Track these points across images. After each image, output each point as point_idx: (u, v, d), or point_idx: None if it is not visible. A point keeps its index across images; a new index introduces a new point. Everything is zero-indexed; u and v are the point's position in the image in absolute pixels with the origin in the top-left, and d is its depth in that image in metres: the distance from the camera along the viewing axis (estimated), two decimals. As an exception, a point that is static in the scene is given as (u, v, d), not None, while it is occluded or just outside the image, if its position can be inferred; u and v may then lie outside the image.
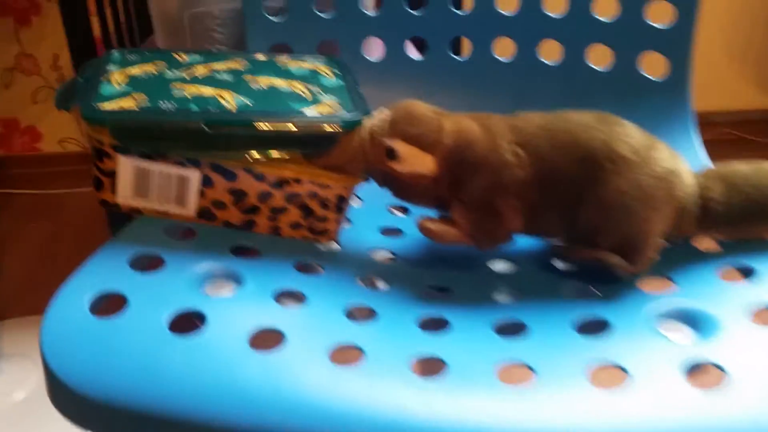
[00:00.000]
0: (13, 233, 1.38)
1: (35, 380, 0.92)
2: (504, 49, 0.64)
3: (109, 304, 0.40)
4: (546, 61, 0.64)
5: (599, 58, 0.62)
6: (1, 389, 0.90)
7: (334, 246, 0.50)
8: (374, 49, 0.66)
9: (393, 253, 0.50)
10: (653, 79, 0.60)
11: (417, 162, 0.42)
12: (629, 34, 0.60)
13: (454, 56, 0.65)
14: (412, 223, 0.53)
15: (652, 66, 0.60)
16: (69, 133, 1.65)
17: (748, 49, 1.64)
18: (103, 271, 0.41)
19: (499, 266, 0.48)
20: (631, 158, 0.40)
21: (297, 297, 0.42)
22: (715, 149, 0.60)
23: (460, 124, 0.43)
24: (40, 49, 1.56)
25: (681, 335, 0.36)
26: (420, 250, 0.51)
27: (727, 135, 1.75)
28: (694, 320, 0.37)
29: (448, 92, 0.65)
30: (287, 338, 0.37)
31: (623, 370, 0.33)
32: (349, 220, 0.53)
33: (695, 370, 0.33)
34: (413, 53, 0.66)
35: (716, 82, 1.67)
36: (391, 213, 0.57)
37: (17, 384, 0.91)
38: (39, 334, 0.37)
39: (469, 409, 0.31)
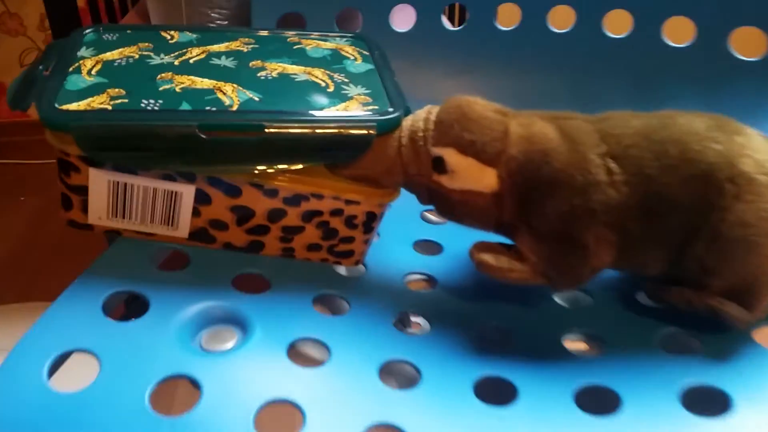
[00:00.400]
0: (0, 207, 1.29)
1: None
2: (560, 19, 0.53)
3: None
4: (611, 35, 0.53)
5: (677, 32, 0.51)
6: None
7: (360, 269, 0.40)
8: (403, 19, 0.55)
9: (431, 277, 0.41)
10: (746, 59, 0.49)
11: (474, 177, 0.33)
12: (716, 4, 0.48)
13: (499, 26, 0.54)
14: (454, 236, 0.44)
15: (744, 43, 0.49)
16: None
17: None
18: (70, 320, 0.32)
19: (569, 298, 0.39)
20: (758, 179, 0.31)
21: (317, 345, 0.34)
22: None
23: (532, 128, 0.33)
24: (26, 8, 1.44)
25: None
26: (466, 273, 0.41)
27: None
28: None
29: (491, 70, 0.55)
30: (307, 416, 0.28)
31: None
32: (377, 233, 0.44)
33: None
34: (449, 23, 0.55)
35: None
36: (427, 221, 0.47)
37: None
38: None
39: None
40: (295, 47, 0.41)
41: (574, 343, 0.35)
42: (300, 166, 0.34)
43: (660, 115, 0.33)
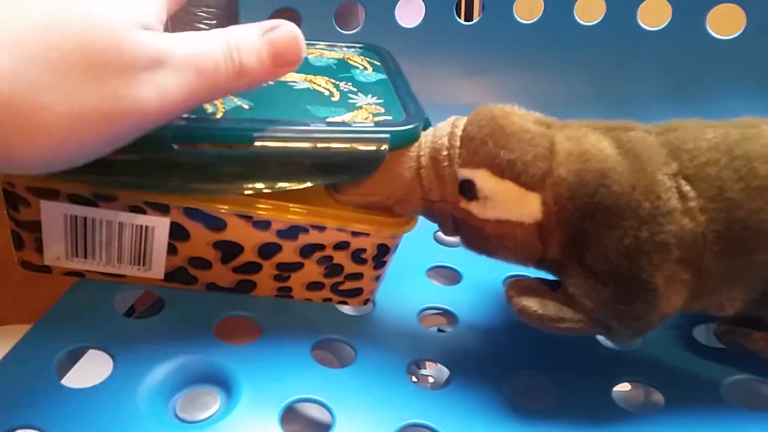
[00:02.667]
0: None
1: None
2: (588, 10, 0.47)
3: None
4: (647, 27, 0.46)
5: (724, 23, 0.45)
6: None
7: (368, 308, 0.34)
8: (410, 13, 0.48)
9: (450, 313, 0.35)
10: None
11: (512, 204, 0.27)
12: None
13: (519, 19, 0.48)
14: (475, 260, 0.38)
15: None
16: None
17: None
18: (15, 386, 0.26)
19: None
20: None
21: (319, 414, 0.28)
22: None
23: (584, 142, 0.26)
24: None
25: None
26: (491, 306, 0.35)
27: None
28: None
29: (511, 69, 0.49)
30: None
31: None
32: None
33: None
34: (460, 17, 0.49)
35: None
36: (442, 242, 0.41)
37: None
38: None
39: None
40: None
41: (625, 393, 0.29)
42: (296, 187, 0.28)
43: (740, 123, 0.27)
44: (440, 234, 0.42)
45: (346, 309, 0.34)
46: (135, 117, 0.20)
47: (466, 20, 0.49)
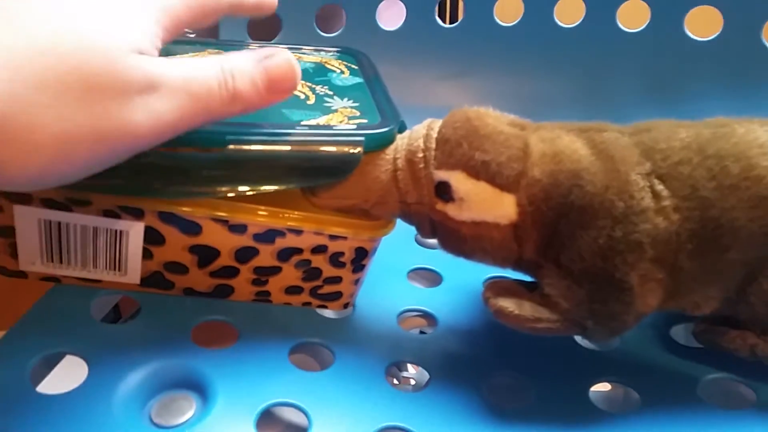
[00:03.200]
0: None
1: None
2: (568, 12, 0.47)
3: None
4: (626, 29, 0.47)
5: (702, 24, 0.45)
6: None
7: (348, 312, 0.34)
8: (390, 16, 0.48)
9: (430, 315, 0.34)
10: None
11: (488, 205, 0.27)
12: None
13: (499, 21, 0.48)
14: (454, 263, 0.38)
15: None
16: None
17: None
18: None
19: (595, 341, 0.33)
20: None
21: (295, 419, 0.27)
22: None
23: (558, 143, 0.27)
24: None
25: None
26: (471, 308, 0.35)
27: None
28: None
29: (490, 72, 0.49)
30: None
31: None
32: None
33: None
34: (442, 20, 0.49)
35: None
36: (422, 245, 0.41)
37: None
38: None
39: None
40: None
41: (603, 393, 0.29)
42: (271, 189, 0.27)
43: (712, 123, 0.27)
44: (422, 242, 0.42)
45: (327, 313, 0.34)
46: (127, 139, 0.21)
47: (450, 22, 0.49)
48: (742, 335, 0.28)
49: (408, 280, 0.38)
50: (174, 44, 0.35)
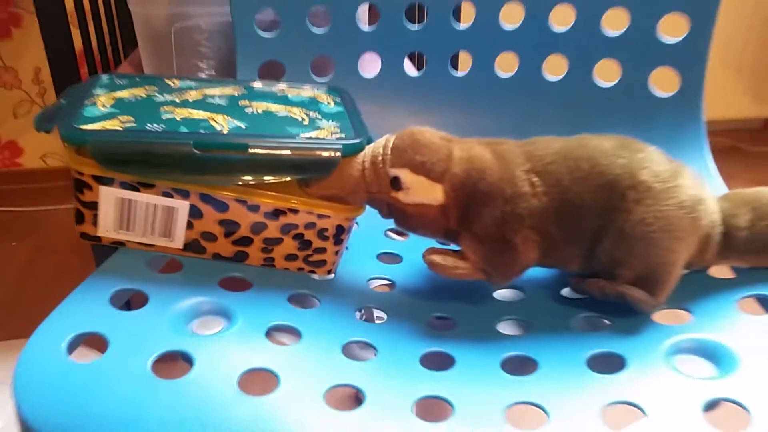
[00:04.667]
0: (-7, 252, 1.33)
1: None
2: (506, 65, 0.61)
3: (89, 344, 0.36)
4: (551, 78, 0.61)
5: (607, 74, 0.59)
6: (-22, 421, 0.85)
7: (331, 277, 0.46)
8: (370, 66, 0.62)
9: (392, 281, 0.47)
10: (664, 95, 0.57)
11: (424, 192, 0.39)
12: (640, 48, 0.57)
13: (454, 72, 0.62)
14: (411, 249, 0.51)
15: (663, 81, 0.58)
16: (52, 149, 1.61)
17: (742, 60, 1.64)
18: (82, 310, 0.37)
19: (505, 294, 0.45)
20: (655, 186, 0.38)
21: (291, 332, 0.39)
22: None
23: (471, 151, 0.40)
24: (22, 62, 1.52)
25: (699, 370, 0.33)
26: (420, 277, 0.48)
27: (720, 143, 1.74)
28: (712, 354, 0.35)
29: (447, 110, 0.62)
30: (280, 380, 0.34)
31: (640, 409, 0.31)
32: (346, 247, 0.50)
33: (714, 408, 0.31)
34: (410, 70, 0.63)
35: (711, 91, 1.65)
36: (390, 237, 0.54)
37: (-5, 415, 0.86)
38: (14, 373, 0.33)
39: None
40: (279, 94, 0.49)
41: (507, 328, 0.41)
42: (277, 180, 0.40)
43: (577, 138, 0.40)
44: (389, 232, 0.54)
45: (315, 276, 0.46)
46: None
47: (419, 69, 0.63)
48: (596, 281, 0.40)
49: (377, 260, 0.50)
50: (206, 81, 0.49)
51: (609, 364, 0.36)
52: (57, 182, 1.63)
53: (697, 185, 0.39)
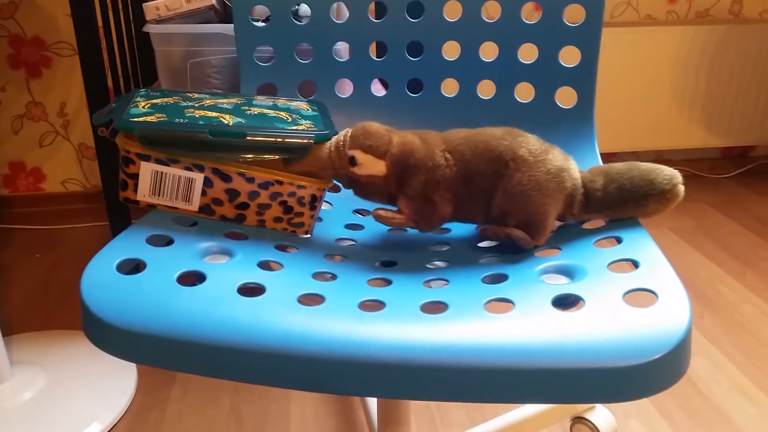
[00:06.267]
0: (17, 264, 1.49)
1: (42, 383, 1.02)
2: (450, 88, 0.79)
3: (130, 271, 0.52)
4: (483, 97, 0.78)
5: (524, 93, 0.76)
6: (13, 390, 0.99)
7: (308, 236, 0.62)
8: (345, 88, 0.80)
9: (354, 240, 0.62)
10: (566, 107, 0.75)
11: (372, 166, 0.55)
12: (546, 73, 0.74)
13: (411, 93, 0.80)
14: (371, 222, 0.66)
15: (565, 98, 0.75)
16: (71, 175, 1.78)
17: (694, 94, 1.82)
18: (126, 245, 0.53)
19: (436, 246, 0.61)
20: (529, 159, 0.54)
21: (276, 264, 0.55)
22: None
23: (405, 137, 0.56)
24: (49, 97, 1.71)
25: (558, 281, 0.48)
26: (376, 238, 0.63)
27: (681, 172, 1.92)
28: (568, 271, 0.50)
29: (405, 121, 0.79)
30: (267, 289, 0.49)
31: (511, 302, 0.46)
32: (320, 218, 0.66)
33: (566, 303, 0.46)
34: (378, 91, 0.81)
35: (667, 123, 1.84)
36: (355, 215, 0.70)
37: (26, 386, 1.01)
38: (47, 345, 0.48)
39: (398, 333, 0.43)
40: (271, 103, 0.65)
41: (434, 264, 0.57)
42: (268, 158, 0.56)
43: (478, 129, 0.57)
44: (356, 214, 0.70)
45: (296, 236, 0.62)
46: None
47: (386, 89, 0.80)
48: (491, 227, 0.56)
49: (345, 228, 0.66)
50: (217, 94, 0.66)
51: (497, 279, 0.51)
52: (75, 205, 1.80)
53: (563, 159, 0.55)
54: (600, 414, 0.93)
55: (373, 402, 0.93)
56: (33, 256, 1.53)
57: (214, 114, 0.59)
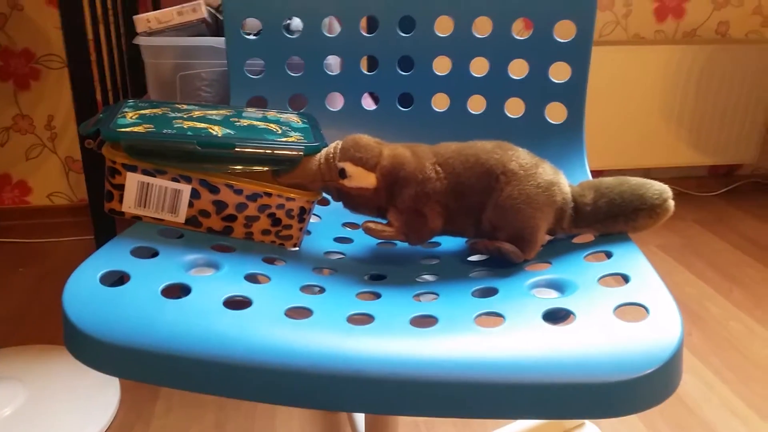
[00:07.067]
0: (0, 277, 1.46)
1: (21, 399, 1.00)
2: (440, 103, 0.79)
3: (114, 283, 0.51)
4: (473, 111, 0.78)
5: (514, 108, 0.76)
6: (-8, 407, 0.97)
7: (296, 249, 0.61)
8: (336, 102, 0.80)
9: (343, 254, 0.62)
10: (555, 123, 0.75)
11: (362, 179, 0.55)
12: (537, 89, 0.75)
13: (401, 108, 0.80)
14: (360, 235, 0.66)
15: (555, 113, 0.75)
16: (57, 188, 1.76)
17: (682, 113, 1.84)
18: (110, 257, 0.52)
19: (426, 260, 0.60)
20: (520, 173, 0.54)
21: (263, 277, 0.54)
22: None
23: (395, 150, 0.56)
24: (37, 110, 1.69)
25: (548, 295, 0.48)
26: (365, 251, 0.63)
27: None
28: (558, 286, 0.49)
29: (396, 135, 0.79)
30: (254, 302, 0.48)
31: (501, 316, 0.45)
32: (309, 232, 0.65)
33: (557, 317, 0.45)
34: (368, 105, 0.80)
35: (656, 142, 1.86)
36: (344, 228, 0.69)
37: (5, 402, 0.98)
38: (29, 362, 0.47)
39: (387, 347, 0.42)
40: (261, 115, 0.65)
41: (424, 277, 0.56)
42: (256, 170, 0.56)
43: (468, 142, 0.57)
44: (344, 227, 0.70)
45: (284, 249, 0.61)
46: None
47: (376, 104, 0.80)
48: (482, 241, 0.55)
49: (334, 241, 0.65)
50: (206, 105, 0.65)
51: (487, 293, 0.51)
52: (61, 218, 1.78)
53: (553, 173, 0.55)
54: (589, 431, 0.92)
55: (360, 418, 0.92)
56: (17, 269, 1.50)
57: (202, 125, 0.58)
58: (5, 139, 1.71)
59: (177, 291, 0.49)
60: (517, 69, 0.76)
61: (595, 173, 1.90)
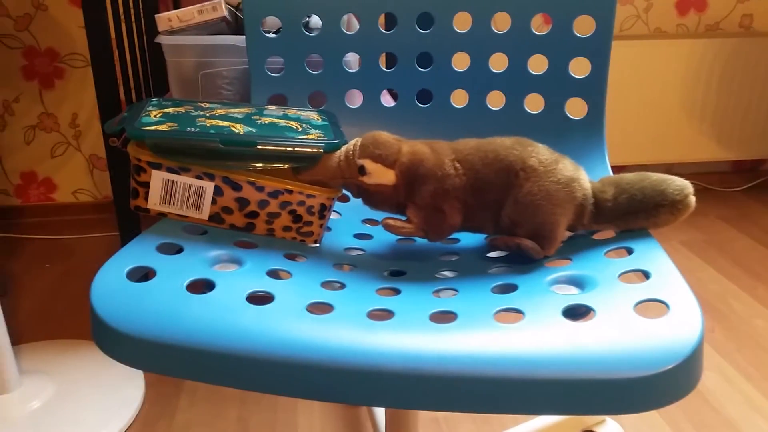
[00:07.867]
0: (27, 273, 1.50)
1: (50, 392, 1.02)
2: (459, 99, 0.79)
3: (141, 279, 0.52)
4: (492, 107, 0.78)
5: (534, 104, 0.76)
6: (21, 399, 0.99)
7: (317, 246, 0.62)
8: (355, 99, 0.80)
9: (363, 250, 0.62)
10: (576, 118, 0.74)
11: (382, 176, 0.56)
12: (557, 84, 0.75)
13: (420, 104, 0.80)
14: (380, 231, 0.66)
15: (575, 108, 0.75)
16: (82, 185, 1.80)
17: (705, 108, 1.82)
18: (136, 253, 0.53)
19: (445, 256, 0.60)
20: (539, 169, 0.54)
21: (285, 273, 0.55)
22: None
23: (414, 147, 0.56)
24: (61, 108, 1.72)
25: (569, 292, 0.48)
26: (385, 247, 0.63)
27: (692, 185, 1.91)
28: (578, 282, 0.49)
29: (415, 132, 0.79)
30: (275, 298, 0.49)
31: (521, 312, 0.45)
32: (329, 228, 0.66)
33: (577, 314, 0.45)
34: (387, 101, 0.81)
35: (678, 137, 1.83)
36: (364, 224, 0.70)
37: (34, 395, 1.01)
38: (53, 355, 0.48)
39: (406, 342, 0.43)
40: (281, 113, 0.66)
41: (443, 274, 0.57)
42: (277, 168, 0.57)
43: (487, 138, 0.57)
44: (364, 222, 0.70)
45: (305, 245, 0.62)
46: None
47: (395, 100, 0.80)
48: (501, 237, 0.55)
49: (354, 238, 0.66)
50: (229, 104, 0.66)
51: (507, 289, 0.51)
52: (86, 215, 1.81)
53: (573, 169, 0.55)
54: (610, 428, 0.91)
55: (381, 412, 0.93)
56: (43, 265, 1.53)
57: (225, 123, 0.59)
58: (31, 137, 1.74)
59: (201, 286, 0.50)
60: (537, 64, 0.76)
61: (617, 169, 1.88)
